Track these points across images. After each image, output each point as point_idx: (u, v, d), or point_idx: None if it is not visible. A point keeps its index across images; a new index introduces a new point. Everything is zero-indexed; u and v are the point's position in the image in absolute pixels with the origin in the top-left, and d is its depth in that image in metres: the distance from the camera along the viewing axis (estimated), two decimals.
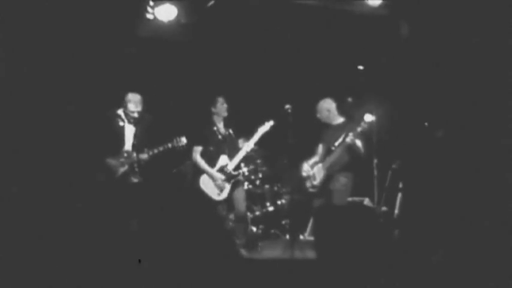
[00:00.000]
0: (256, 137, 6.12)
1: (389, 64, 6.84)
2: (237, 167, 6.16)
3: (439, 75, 5.94)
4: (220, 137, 6.17)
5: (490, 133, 4.92)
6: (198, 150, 6.10)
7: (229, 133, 6.24)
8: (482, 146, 4.93)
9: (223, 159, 6.16)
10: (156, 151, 5.74)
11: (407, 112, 6.38)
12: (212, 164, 6.10)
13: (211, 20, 6.72)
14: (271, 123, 6.13)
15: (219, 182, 6.03)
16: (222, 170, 6.09)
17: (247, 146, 6.13)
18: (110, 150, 5.69)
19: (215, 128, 6.17)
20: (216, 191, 6.05)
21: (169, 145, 5.76)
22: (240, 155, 6.13)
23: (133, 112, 5.74)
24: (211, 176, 6.05)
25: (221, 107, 6.14)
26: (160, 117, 6.00)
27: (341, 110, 6.07)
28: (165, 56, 7.02)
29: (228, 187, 6.08)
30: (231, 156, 6.15)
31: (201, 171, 6.10)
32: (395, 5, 6.40)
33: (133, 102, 5.73)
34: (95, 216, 5.57)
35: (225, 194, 6.07)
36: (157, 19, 6.41)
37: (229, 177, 6.08)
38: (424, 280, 4.31)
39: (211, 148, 6.13)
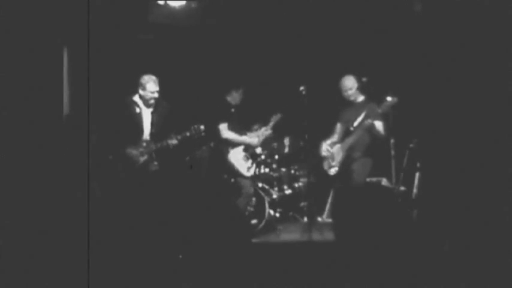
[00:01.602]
0: (271, 124, 6.45)
1: (404, 41, 6.73)
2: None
3: (455, 52, 5.83)
4: (237, 118, 6.31)
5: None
6: (225, 126, 6.22)
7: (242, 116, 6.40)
8: (503, 125, 4.85)
9: (245, 139, 6.38)
10: (187, 134, 5.71)
11: (424, 91, 6.29)
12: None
13: (222, 3, 6.66)
14: (279, 115, 6.45)
15: (258, 143, 6.40)
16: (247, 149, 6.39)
17: (264, 132, 6.45)
18: (129, 139, 5.66)
19: (232, 110, 6.28)
20: (246, 166, 6.32)
21: (188, 133, 5.72)
22: (260, 139, 6.44)
23: (153, 92, 5.62)
24: (249, 143, 6.35)
25: (238, 96, 6.33)
26: (176, 104, 5.98)
27: (361, 89, 6.00)
28: (177, 41, 6.99)
29: (254, 165, 6.44)
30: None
31: (230, 146, 6.28)
32: None
33: (152, 81, 5.63)
34: (120, 207, 5.59)
35: (252, 171, 6.39)
36: (168, 4, 6.37)
37: (255, 157, 6.48)
38: (442, 260, 4.29)
39: (233, 127, 6.28)
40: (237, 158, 6.31)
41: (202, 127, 5.74)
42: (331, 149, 5.99)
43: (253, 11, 6.90)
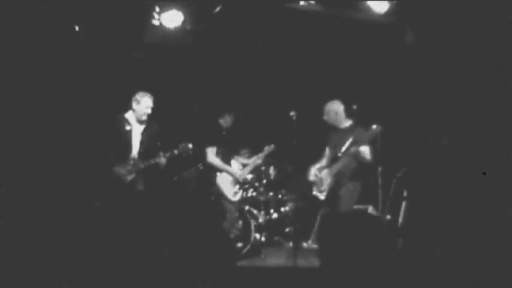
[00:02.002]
0: (263, 154, 6.61)
1: (394, 71, 6.83)
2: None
3: (444, 82, 5.92)
4: (227, 142, 6.31)
5: (496, 141, 4.89)
6: (213, 150, 6.22)
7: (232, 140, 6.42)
8: (487, 154, 4.91)
9: (234, 164, 6.48)
10: (175, 152, 5.67)
11: (413, 120, 6.36)
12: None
13: (217, 26, 6.73)
14: (273, 146, 6.63)
15: (241, 178, 6.38)
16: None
17: (257, 160, 6.60)
18: (117, 157, 5.58)
19: (224, 133, 6.30)
20: (233, 190, 6.31)
21: (176, 151, 5.70)
22: (251, 166, 6.56)
23: (147, 107, 5.59)
24: (233, 174, 6.31)
25: (229, 119, 6.34)
26: (167, 124, 5.98)
27: (348, 113, 6.03)
28: (171, 62, 7.03)
29: (241, 191, 6.45)
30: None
31: (217, 171, 6.27)
32: (401, 12, 6.38)
33: (148, 97, 5.60)
34: (104, 224, 5.55)
35: (238, 196, 6.38)
36: (163, 25, 6.42)
37: (242, 183, 6.49)
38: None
39: (222, 151, 6.27)
40: (224, 181, 6.30)
41: (190, 145, 5.72)
42: (319, 173, 5.99)
43: (247, 36, 6.98)
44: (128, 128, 5.63)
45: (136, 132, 5.68)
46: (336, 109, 5.96)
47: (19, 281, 4.62)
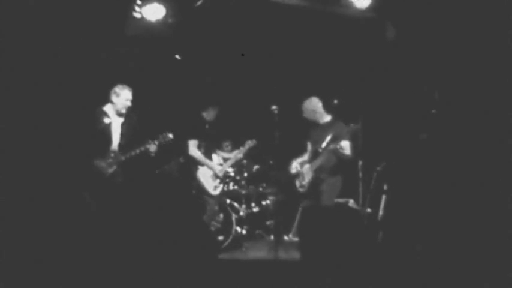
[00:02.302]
0: (245, 149, 6.57)
1: (375, 66, 6.88)
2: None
3: (424, 77, 5.99)
4: (210, 135, 6.33)
5: (475, 135, 4.97)
6: (194, 143, 6.23)
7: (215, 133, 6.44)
8: (466, 148, 4.98)
9: (215, 158, 6.48)
10: (162, 141, 5.64)
11: (393, 114, 6.42)
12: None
13: (199, 19, 6.71)
14: (254, 141, 6.59)
15: (221, 174, 6.34)
16: (220, 166, 6.44)
17: (238, 154, 6.57)
18: (97, 150, 5.54)
19: (207, 126, 6.32)
20: (213, 184, 6.29)
21: (156, 142, 5.67)
22: (232, 160, 6.55)
23: (127, 100, 5.56)
24: (212, 169, 6.29)
25: (213, 113, 6.35)
26: (146, 116, 5.96)
27: (328, 109, 6.06)
28: (153, 55, 7.00)
29: (221, 185, 6.40)
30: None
31: (198, 164, 6.28)
32: (382, 7, 6.43)
33: (127, 90, 5.57)
34: (85, 217, 5.53)
35: (219, 190, 6.35)
36: (145, 18, 6.38)
37: (223, 177, 6.43)
38: (406, 281, 4.35)
39: (204, 144, 6.29)
40: (205, 175, 6.30)
41: (170, 135, 5.70)
42: (301, 168, 6.02)
43: (229, 30, 6.97)
44: (107, 121, 5.58)
45: (116, 124, 5.62)
46: (312, 107, 5.99)
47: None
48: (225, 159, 6.60)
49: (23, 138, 5.93)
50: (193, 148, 6.20)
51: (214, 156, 6.48)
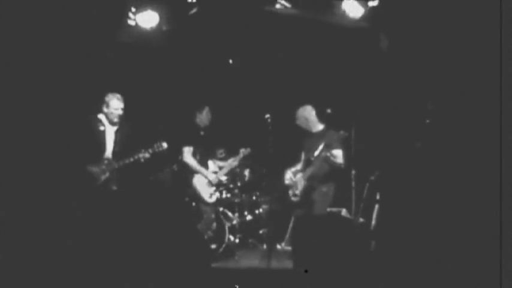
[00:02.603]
0: (239, 157, 6.55)
1: (368, 75, 6.90)
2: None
3: (417, 88, 6.01)
4: (205, 142, 6.32)
5: (469, 146, 4.98)
6: (189, 150, 6.21)
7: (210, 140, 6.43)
8: (460, 158, 5.00)
9: (211, 166, 6.46)
10: (156, 150, 5.64)
11: (386, 124, 6.44)
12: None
13: (193, 27, 6.72)
14: (249, 150, 6.57)
15: (215, 182, 6.32)
16: (215, 174, 6.42)
17: (233, 162, 6.55)
18: (91, 156, 5.56)
19: (202, 133, 6.30)
20: (209, 192, 6.30)
21: (150, 150, 5.67)
22: (228, 168, 6.53)
23: (116, 109, 5.57)
24: (207, 177, 6.27)
25: (205, 117, 6.34)
26: (140, 124, 5.96)
27: (321, 117, 6.09)
28: (147, 62, 7.00)
29: (217, 193, 6.41)
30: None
31: (193, 172, 6.27)
32: (376, 18, 6.45)
33: (116, 99, 5.58)
34: (77, 224, 5.50)
35: (214, 198, 6.35)
36: (139, 26, 6.39)
37: (219, 184, 6.46)
38: None
39: (200, 151, 6.29)
40: (200, 183, 6.30)
41: (164, 144, 5.70)
42: (294, 177, 6.04)
43: (223, 38, 6.99)
44: (101, 128, 5.62)
45: (110, 132, 5.66)
46: (306, 115, 6.03)
47: None
48: (220, 167, 6.58)
49: (19, 141, 5.92)
50: (188, 155, 6.19)
51: (210, 163, 6.48)
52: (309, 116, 6.01)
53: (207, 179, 6.29)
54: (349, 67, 7.02)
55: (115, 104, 5.59)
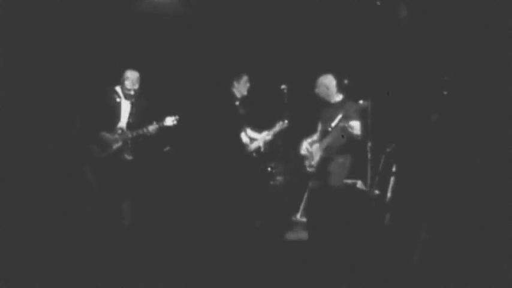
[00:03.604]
0: (275, 130, 6.31)
1: (387, 46, 6.79)
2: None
3: (436, 58, 5.91)
4: (240, 113, 6.22)
5: (486, 119, 4.92)
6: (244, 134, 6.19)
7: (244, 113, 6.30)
8: (477, 131, 4.94)
9: (244, 138, 6.28)
10: (155, 126, 5.72)
11: (403, 95, 6.36)
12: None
13: None
14: (286, 122, 6.26)
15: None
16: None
17: (267, 136, 6.32)
18: (105, 124, 5.68)
19: (237, 103, 6.20)
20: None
21: (166, 123, 5.75)
22: (260, 142, 6.34)
23: (129, 90, 5.72)
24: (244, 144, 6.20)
25: (244, 85, 6.21)
26: (157, 97, 5.98)
27: (340, 88, 6.03)
28: (163, 32, 6.97)
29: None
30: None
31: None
32: None
33: (131, 80, 5.71)
34: (88, 192, 5.60)
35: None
36: None
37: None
38: (412, 264, 4.36)
39: (231, 121, 6.20)
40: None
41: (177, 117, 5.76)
42: (311, 148, 6.02)
43: (240, 7, 6.91)
44: (117, 99, 5.74)
45: (126, 104, 5.76)
46: (327, 83, 5.95)
47: None
48: (252, 140, 6.42)
49: (34, 109, 6.02)
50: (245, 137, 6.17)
51: (242, 135, 6.32)
52: (329, 84, 5.95)
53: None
54: (367, 37, 6.91)
55: (128, 85, 5.72)
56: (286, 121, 6.29)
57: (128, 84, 5.70)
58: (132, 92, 5.71)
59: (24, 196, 5.64)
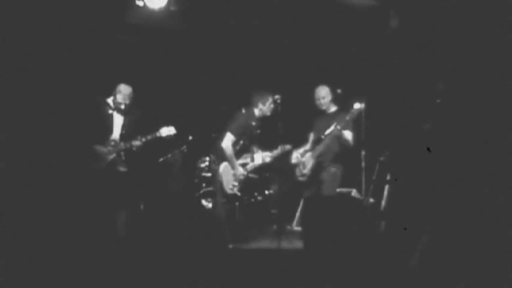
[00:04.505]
0: (276, 153, 6.12)
1: (378, 55, 6.84)
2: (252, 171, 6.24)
3: (427, 67, 5.96)
4: (254, 133, 6.12)
5: (479, 126, 4.95)
6: (231, 138, 5.93)
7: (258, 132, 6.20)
8: (471, 138, 4.97)
9: (235, 165, 6.05)
10: (149, 137, 5.70)
11: (396, 104, 6.40)
12: (238, 156, 6.08)
13: (201, 7, 6.68)
14: (289, 146, 6.14)
15: (241, 178, 6.04)
16: (243, 166, 6.12)
17: (267, 158, 6.16)
18: (98, 137, 5.67)
19: (253, 123, 6.08)
20: (232, 184, 6.00)
21: (157, 134, 5.75)
22: (259, 162, 6.17)
23: (120, 104, 5.71)
24: (233, 168, 5.99)
25: (269, 107, 6.03)
26: (149, 109, 5.98)
27: (334, 99, 6.06)
28: (155, 43, 6.98)
29: (240, 186, 6.08)
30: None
31: (224, 159, 5.97)
32: None
33: (123, 95, 5.70)
34: (82, 204, 5.58)
35: (235, 190, 6.05)
36: (148, 6, 6.35)
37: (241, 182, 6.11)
38: (408, 272, 4.37)
39: (244, 142, 6.06)
40: (226, 172, 6.00)
41: (172, 128, 5.75)
42: (302, 157, 6.04)
43: (233, 17, 6.93)
44: (109, 111, 5.75)
45: (118, 116, 5.76)
46: (325, 94, 5.99)
47: None
48: (253, 158, 6.24)
49: (25, 123, 6.00)
50: (228, 142, 5.92)
51: (256, 155, 6.21)
52: (327, 94, 6.00)
53: (232, 171, 6.02)
54: (359, 46, 6.96)
55: (119, 98, 5.71)
56: (288, 146, 6.17)
57: (119, 98, 5.70)
58: (122, 107, 5.71)
59: (20, 205, 5.61)
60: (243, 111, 6.01)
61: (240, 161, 6.11)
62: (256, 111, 6.03)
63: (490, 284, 4.05)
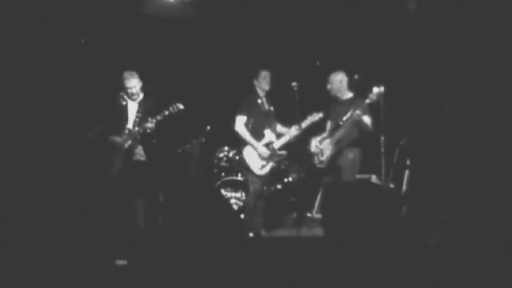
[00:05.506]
0: (305, 124, 6.00)
1: (396, 40, 6.76)
2: (281, 148, 6.07)
3: (446, 50, 5.87)
4: (264, 110, 6.09)
5: (497, 109, 4.87)
6: (242, 119, 5.95)
7: (271, 109, 6.16)
8: (489, 122, 4.89)
9: (269, 135, 6.06)
10: (159, 117, 5.62)
11: (415, 88, 6.33)
12: (254, 136, 5.99)
13: None
14: (320, 115, 6.03)
15: (265, 156, 5.96)
16: (267, 145, 6.02)
17: (295, 131, 5.98)
18: (116, 129, 5.71)
19: (259, 101, 6.09)
20: (260, 164, 5.96)
21: (166, 112, 5.65)
22: (287, 137, 6.03)
23: (130, 88, 5.68)
24: (256, 149, 5.95)
25: (263, 80, 6.06)
26: (165, 99, 5.98)
27: (350, 86, 6.02)
28: (170, 34, 6.98)
29: (270, 164, 6.01)
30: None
31: (244, 143, 5.98)
32: None
33: (128, 78, 5.68)
34: (101, 194, 5.63)
35: (266, 170, 6.00)
36: None
37: (273, 156, 6.00)
38: (429, 257, 4.32)
39: (254, 120, 6.01)
40: (251, 154, 5.98)
41: (180, 106, 5.67)
42: (320, 144, 6.00)
43: (248, 6, 6.91)
44: (123, 102, 5.77)
45: (132, 105, 5.79)
46: (340, 78, 5.98)
47: None
48: (279, 135, 6.14)
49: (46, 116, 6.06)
50: (240, 124, 5.94)
51: (266, 132, 6.08)
52: (342, 80, 5.98)
53: (256, 151, 5.97)
54: (377, 31, 6.88)
55: (128, 83, 5.70)
56: (320, 113, 6.05)
57: (126, 85, 5.68)
58: (134, 96, 5.71)
59: (39, 198, 5.68)
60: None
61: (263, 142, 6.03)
62: (257, 89, 6.06)
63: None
